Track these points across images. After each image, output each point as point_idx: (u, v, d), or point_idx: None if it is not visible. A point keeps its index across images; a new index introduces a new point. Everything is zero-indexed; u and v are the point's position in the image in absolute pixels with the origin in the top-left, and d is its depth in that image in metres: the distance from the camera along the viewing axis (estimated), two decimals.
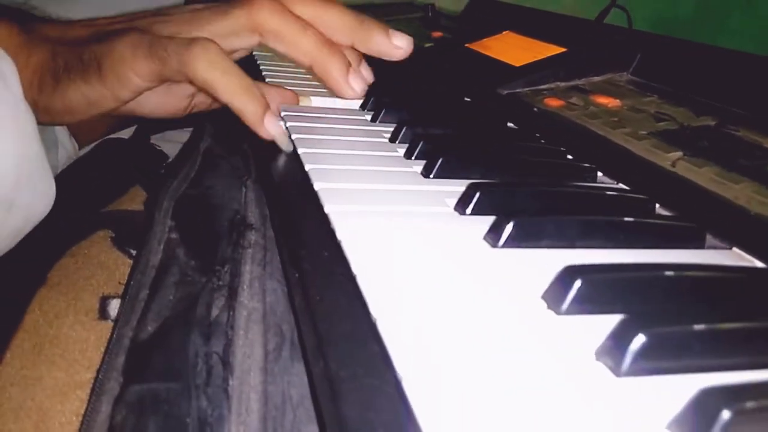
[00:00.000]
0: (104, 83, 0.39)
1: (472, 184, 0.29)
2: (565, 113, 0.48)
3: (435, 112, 0.47)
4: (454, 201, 0.30)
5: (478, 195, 0.28)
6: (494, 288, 0.23)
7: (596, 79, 0.57)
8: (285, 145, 0.38)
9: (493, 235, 0.26)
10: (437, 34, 0.86)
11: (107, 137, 0.67)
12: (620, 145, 0.40)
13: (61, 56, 0.40)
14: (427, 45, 0.80)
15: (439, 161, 0.33)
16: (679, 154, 0.38)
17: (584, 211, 0.29)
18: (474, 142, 0.38)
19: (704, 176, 0.35)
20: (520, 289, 0.23)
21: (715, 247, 0.30)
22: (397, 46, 0.41)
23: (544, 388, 0.18)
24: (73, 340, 0.31)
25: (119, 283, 0.37)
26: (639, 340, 0.18)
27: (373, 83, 0.49)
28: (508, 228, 0.25)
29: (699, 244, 0.30)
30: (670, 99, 0.49)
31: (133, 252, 0.41)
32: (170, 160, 0.64)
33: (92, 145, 0.66)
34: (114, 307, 0.35)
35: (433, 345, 0.19)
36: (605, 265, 0.24)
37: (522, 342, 0.19)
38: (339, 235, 0.26)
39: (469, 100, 0.56)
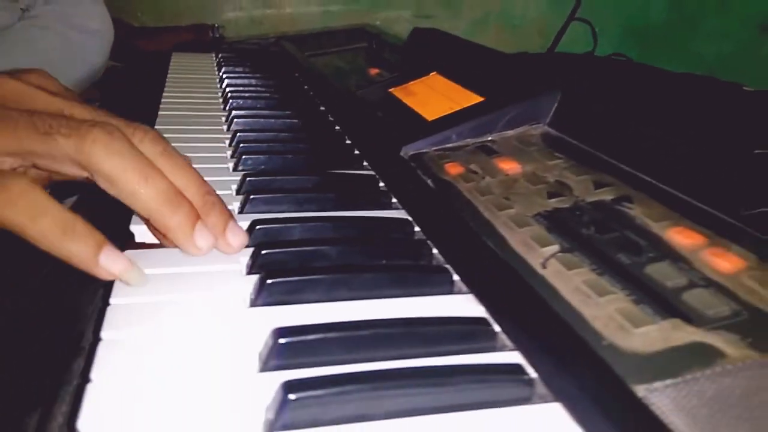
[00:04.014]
0: None
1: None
2: (460, 185, 0.44)
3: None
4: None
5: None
6: None
7: (509, 133, 0.53)
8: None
9: None
10: (375, 71, 0.82)
11: None
12: (500, 235, 0.37)
13: None
14: (360, 90, 0.76)
15: (265, 285, 0.30)
16: (556, 248, 0.34)
17: None
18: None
19: (571, 284, 0.31)
20: None
21: None
22: (228, 243, 0.34)
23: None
24: None
25: None
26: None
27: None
28: None
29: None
30: (579, 161, 0.45)
31: None
32: None
33: None
34: None
35: None
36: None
37: None
38: None
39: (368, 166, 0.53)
